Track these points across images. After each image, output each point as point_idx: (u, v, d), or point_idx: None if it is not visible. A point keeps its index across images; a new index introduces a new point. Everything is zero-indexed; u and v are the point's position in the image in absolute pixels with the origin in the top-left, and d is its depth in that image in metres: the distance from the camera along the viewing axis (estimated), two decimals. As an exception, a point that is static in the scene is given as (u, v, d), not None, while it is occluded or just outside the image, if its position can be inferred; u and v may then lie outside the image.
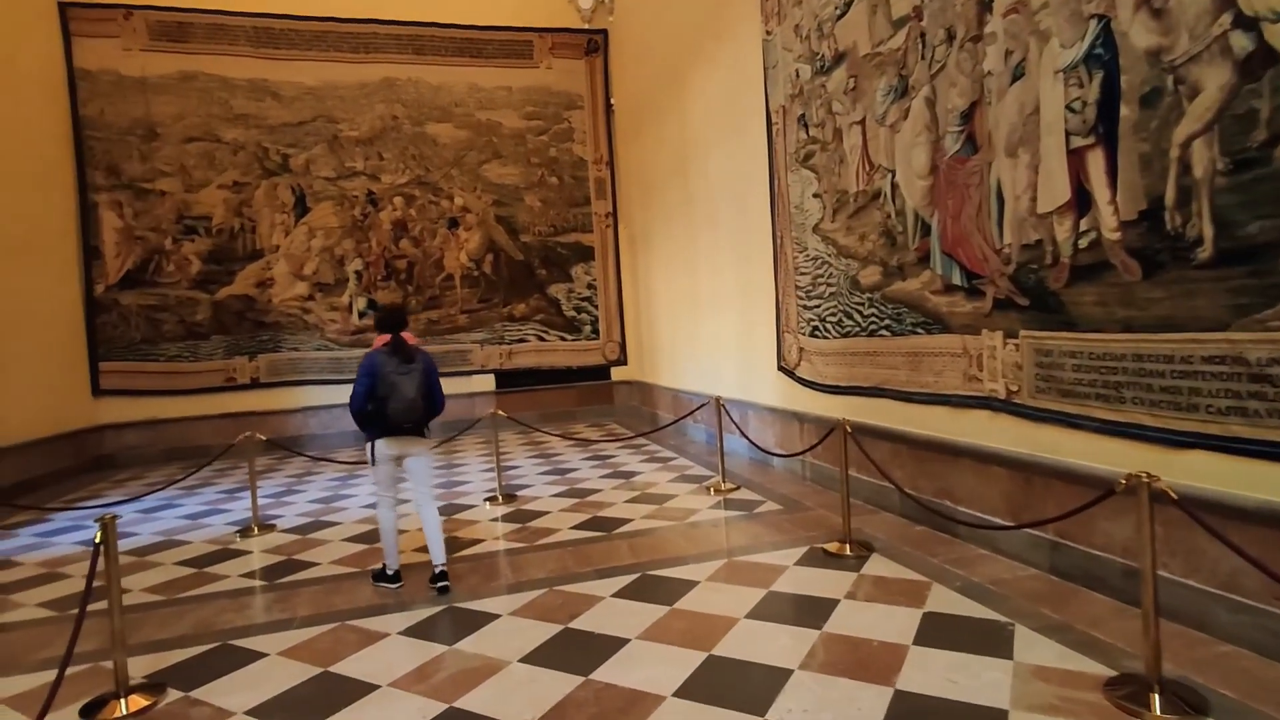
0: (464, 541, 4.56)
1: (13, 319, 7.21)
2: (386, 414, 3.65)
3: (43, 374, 7.73)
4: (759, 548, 4.05)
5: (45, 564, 4.69)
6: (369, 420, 3.71)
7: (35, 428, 7.52)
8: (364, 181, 9.42)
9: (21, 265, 7.43)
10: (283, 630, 3.27)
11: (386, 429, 3.71)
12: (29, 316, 7.55)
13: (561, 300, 10.17)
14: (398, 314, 3.89)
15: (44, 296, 7.87)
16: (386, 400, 3.62)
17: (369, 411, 3.68)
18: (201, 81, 8.86)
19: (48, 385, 7.82)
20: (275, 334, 9.21)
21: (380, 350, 3.72)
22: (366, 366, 3.68)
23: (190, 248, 8.90)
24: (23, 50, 7.72)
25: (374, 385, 3.63)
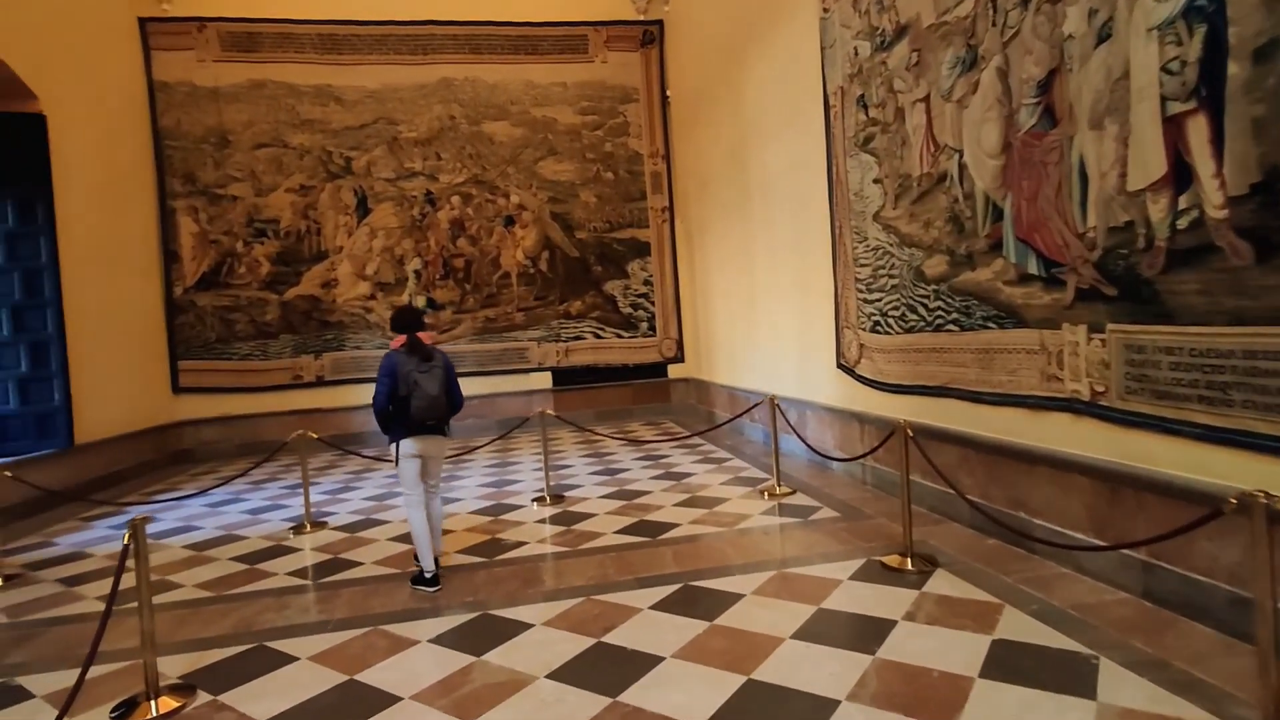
0: (507, 544, 4.46)
1: (102, 320, 7.60)
2: (410, 413, 3.66)
3: (128, 372, 8.13)
4: (811, 559, 3.79)
5: (112, 557, 4.86)
6: (392, 420, 3.72)
7: (122, 423, 7.92)
8: (423, 182, 9.54)
9: (109, 270, 7.83)
10: (318, 633, 3.23)
11: (411, 428, 3.72)
12: (116, 318, 7.96)
13: (618, 297, 10.05)
14: (413, 314, 3.91)
15: (129, 299, 8.28)
16: (409, 399, 3.64)
17: (392, 411, 3.68)
18: (270, 89, 9.15)
19: (133, 383, 8.22)
20: (339, 333, 9.44)
21: (399, 350, 3.74)
22: (386, 367, 3.69)
23: (260, 250, 9.21)
24: (107, 65, 8.13)
25: (395, 385, 3.65)
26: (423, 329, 3.85)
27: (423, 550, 3.77)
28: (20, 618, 3.76)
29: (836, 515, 4.58)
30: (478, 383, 9.80)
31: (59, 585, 4.28)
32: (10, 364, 6.71)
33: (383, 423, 3.74)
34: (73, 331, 7.00)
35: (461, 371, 9.64)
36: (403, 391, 3.65)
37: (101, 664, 3.05)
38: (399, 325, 3.84)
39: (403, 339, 3.76)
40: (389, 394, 3.66)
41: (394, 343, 3.81)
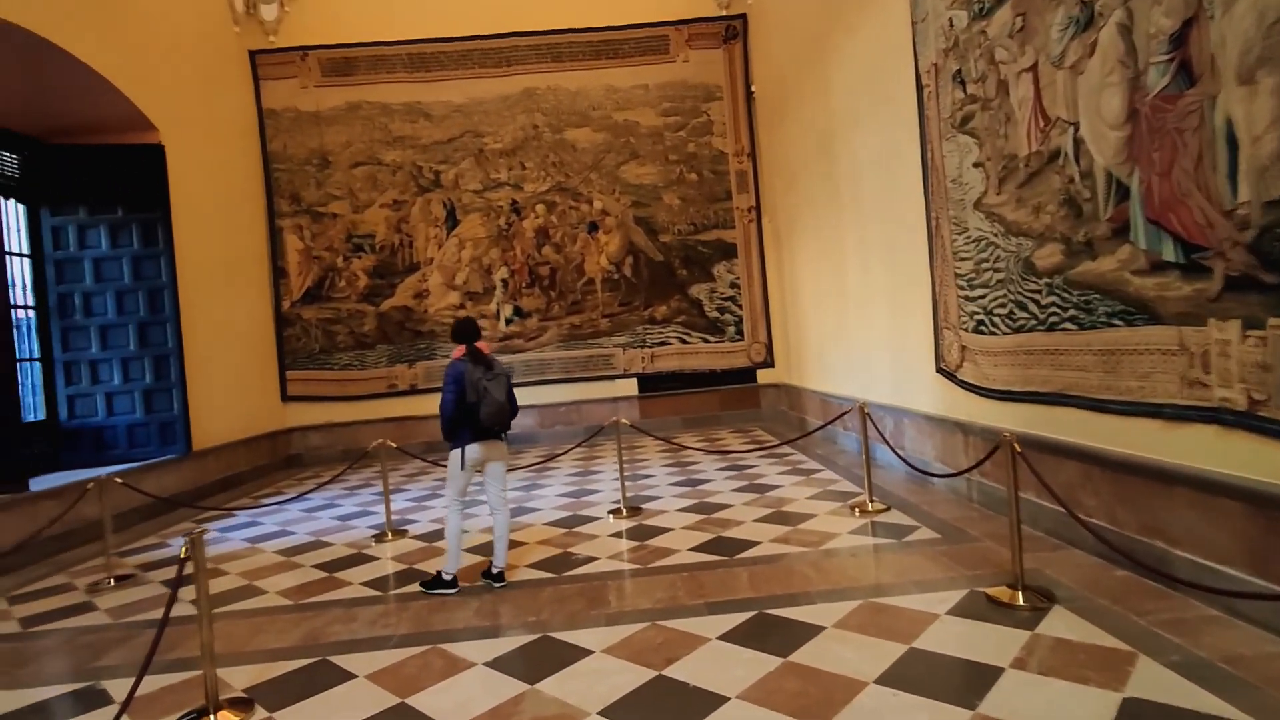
0: (577, 558, 4.31)
1: (220, 334, 8.14)
2: (479, 419, 3.78)
3: (242, 383, 8.67)
4: (904, 587, 3.40)
5: (212, 560, 5.09)
6: (460, 426, 3.82)
7: (238, 430, 8.44)
8: (508, 192, 9.66)
9: (224, 287, 8.38)
10: (379, 649, 3.18)
11: (477, 433, 3.83)
12: (233, 331, 8.51)
13: (703, 301, 9.79)
14: (471, 325, 4.01)
15: (244, 313, 8.84)
16: (478, 405, 3.76)
17: (459, 418, 3.77)
18: (365, 110, 9.54)
19: (246, 392, 8.76)
20: (431, 342, 9.69)
21: (462, 359, 3.84)
22: (453, 375, 3.79)
23: (358, 264, 9.61)
24: (221, 97, 8.72)
25: (463, 392, 3.74)
26: (480, 339, 3.98)
27: (454, 554, 3.88)
28: (121, 619, 3.96)
29: (935, 537, 4.13)
30: (564, 390, 9.82)
31: (162, 587, 4.50)
32: (137, 376, 7.26)
33: (450, 429, 3.85)
34: (190, 345, 7.51)
35: (547, 379, 9.76)
36: (471, 398, 3.77)
37: (178, 672, 3.13)
38: (461, 335, 3.96)
39: (463, 348, 3.89)
40: (456, 401, 3.77)
41: (455, 353, 3.93)
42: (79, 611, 4.14)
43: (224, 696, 2.83)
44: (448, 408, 3.78)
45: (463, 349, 3.88)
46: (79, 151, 7.20)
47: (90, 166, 7.15)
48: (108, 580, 4.64)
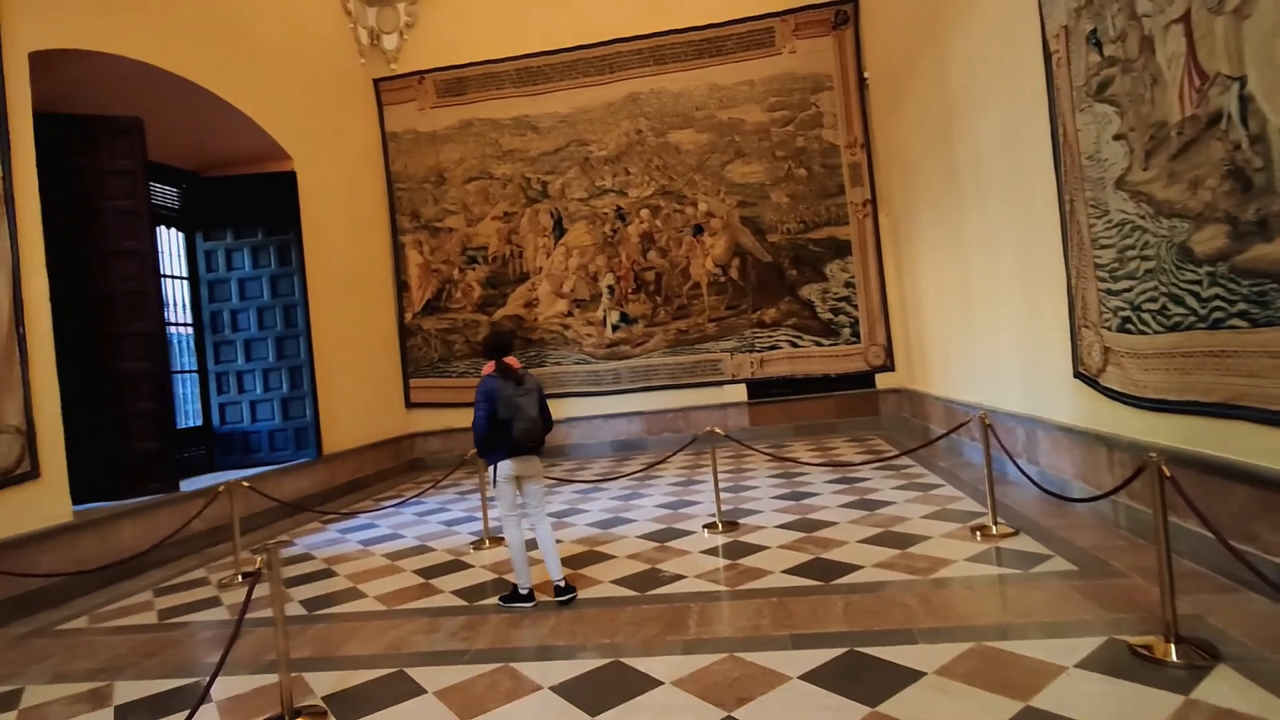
0: (663, 576, 4.13)
1: (347, 345, 8.71)
2: (513, 435, 3.74)
3: (368, 391, 9.23)
4: (1027, 629, 2.94)
5: (330, 560, 5.38)
6: (494, 443, 3.77)
7: (365, 435, 8.99)
8: (613, 198, 9.67)
9: (352, 301, 8.97)
10: (454, 663, 3.16)
11: (512, 450, 3.79)
12: (359, 343, 9.09)
13: (815, 302, 9.31)
14: (503, 339, 3.96)
15: (371, 325, 9.42)
16: (511, 422, 3.72)
17: (493, 436, 3.74)
18: (477, 127, 9.90)
19: (373, 400, 9.32)
20: (541, 350, 9.88)
21: (493, 375, 3.79)
22: (485, 392, 3.74)
23: (472, 275, 9.98)
24: (349, 124, 9.36)
25: (495, 409, 3.69)
26: (511, 354, 3.95)
27: (521, 568, 3.85)
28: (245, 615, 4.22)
29: (1070, 569, 3.58)
30: (670, 396, 9.68)
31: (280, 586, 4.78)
32: (275, 385, 7.90)
33: (484, 446, 3.81)
34: (319, 357, 8.07)
35: (654, 385, 9.66)
36: (504, 415, 3.72)
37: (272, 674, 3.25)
38: (492, 351, 3.90)
39: (493, 364, 3.84)
40: (489, 418, 3.73)
41: (485, 368, 3.87)
42: (208, 606, 4.48)
43: (303, 703, 2.91)
44: (480, 425, 3.73)
45: (492, 365, 3.83)
46: (226, 182, 7.95)
47: (235, 195, 7.88)
48: (236, 577, 5.01)
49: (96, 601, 4.82)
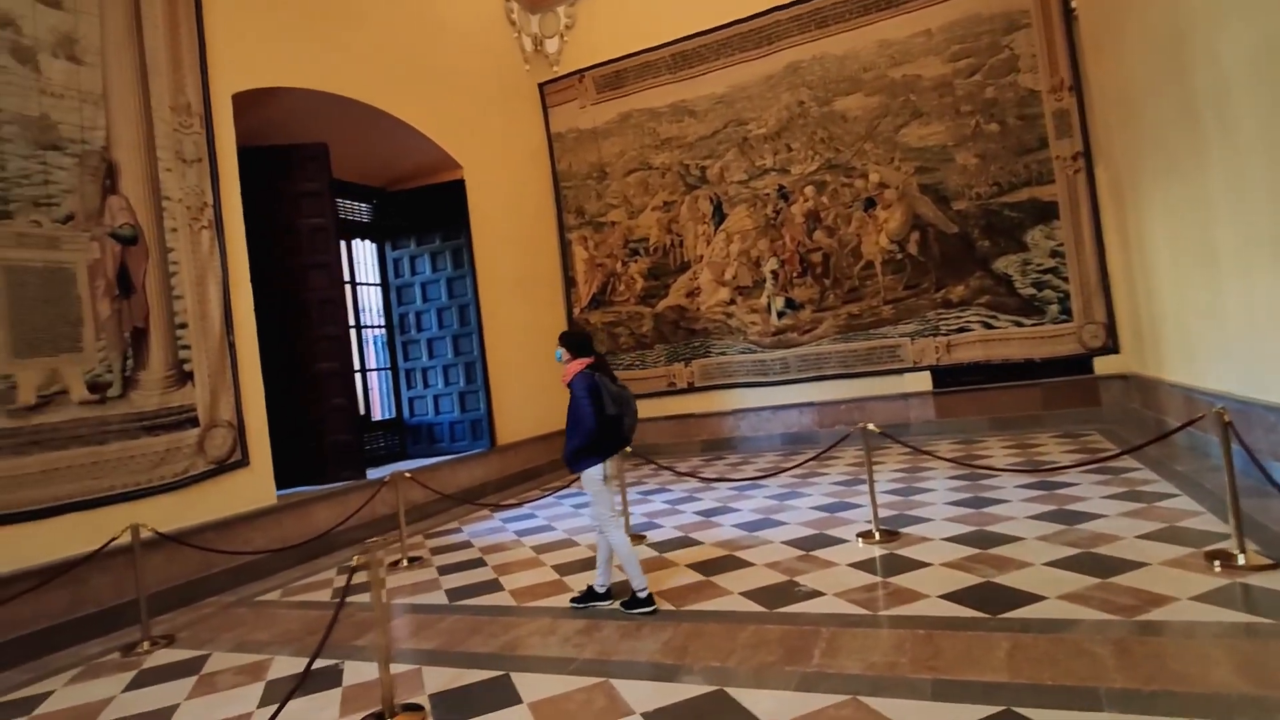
0: (800, 591, 3.71)
1: (520, 340, 9.12)
2: (622, 431, 3.64)
3: (541, 384, 9.56)
4: (1273, 708, 2.16)
5: (488, 549, 5.59)
6: (602, 441, 3.60)
7: (538, 426, 9.35)
8: (773, 178, 9.13)
9: (524, 297, 9.37)
10: (558, 672, 3.05)
11: (616, 446, 3.67)
12: (529, 338, 9.47)
13: (1013, 276, 8.07)
14: (586, 335, 3.81)
15: (540, 321, 9.78)
16: (620, 417, 3.57)
17: (602, 433, 3.58)
18: (635, 118, 9.87)
19: (545, 393, 9.63)
20: (704, 339, 9.64)
21: (590, 370, 3.61)
22: (587, 387, 3.56)
23: (635, 267, 9.99)
24: (516, 129, 9.76)
25: (602, 403, 3.53)
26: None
27: (636, 570, 3.68)
28: (392, 599, 4.51)
29: (1355, 624, 2.63)
30: (843, 386, 8.97)
31: (435, 572, 5.06)
32: (455, 380, 8.48)
33: (591, 447, 3.63)
34: (491, 353, 8.52)
35: (825, 374, 9.01)
36: (612, 410, 3.57)
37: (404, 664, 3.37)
38: (582, 349, 3.73)
39: (586, 360, 3.68)
40: (599, 414, 3.57)
41: (576, 365, 3.67)
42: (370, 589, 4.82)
43: (412, 699, 2.95)
44: (588, 422, 3.55)
45: (585, 360, 3.67)
46: (408, 195, 8.66)
47: (415, 206, 8.56)
48: (402, 561, 5.38)
49: (293, 576, 5.43)
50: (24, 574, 4.10)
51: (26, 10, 4.52)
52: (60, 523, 4.39)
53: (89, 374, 4.62)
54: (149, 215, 5.07)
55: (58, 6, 4.68)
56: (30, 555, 4.21)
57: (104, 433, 4.66)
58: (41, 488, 4.34)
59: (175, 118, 5.32)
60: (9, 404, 4.22)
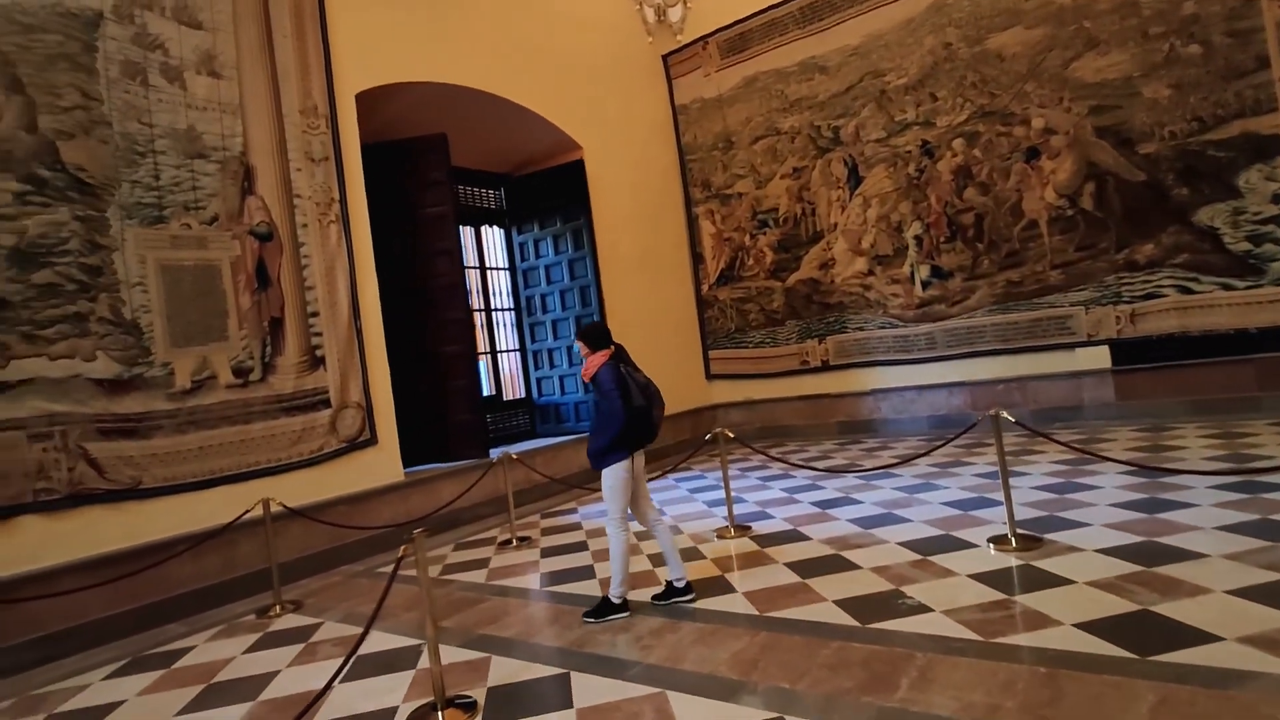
0: (904, 604, 3.25)
1: (643, 319, 9.02)
2: (650, 423, 3.51)
3: (666, 363, 9.41)
4: None
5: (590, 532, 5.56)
6: (630, 435, 3.43)
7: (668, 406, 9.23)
8: (916, 133, 8.21)
9: (648, 276, 9.23)
10: (616, 677, 2.88)
11: (643, 440, 3.53)
12: (656, 316, 9.35)
13: (1221, 229, 6.66)
14: (604, 327, 3.67)
15: (666, 299, 9.62)
16: (649, 409, 3.43)
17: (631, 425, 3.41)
18: (761, 81, 9.30)
19: (671, 372, 9.48)
20: (840, 314, 8.98)
21: (613, 361, 3.46)
22: (613, 379, 3.39)
23: (764, 240, 9.49)
24: (639, 104, 9.58)
25: (629, 395, 3.37)
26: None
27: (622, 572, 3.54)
28: (492, 580, 4.58)
29: None
30: (1000, 363, 7.97)
31: (538, 554, 5.09)
32: (577, 361, 8.52)
33: (619, 441, 3.43)
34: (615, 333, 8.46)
35: (978, 350, 8.05)
36: (640, 401, 3.42)
37: (476, 651, 3.38)
38: (602, 340, 3.57)
39: (607, 351, 3.52)
40: (627, 407, 3.39)
41: (598, 358, 3.49)
42: (476, 567, 4.96)
43: (474, 689, 2.92)
44: (618, 416, 3.37)
45: (608, 351, 3.51)
46: (530, 179, 8.79)
47: (537, 190, 8.67)
48: (512, 540, 5.49)
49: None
50: (186, 538, 4.62)
51: (173, 33, 5.00)
52: (214, 494, 4.91)
53: (234, 360, 5.10)
54: (282, 213, 5.48)
55: (199, 27, 5.14)
56: (191, 522, 4.74)
57: (248, 413, 5.14)
58: (198, 462, 4.86)
59: (304, 120, 5.69)
60: (169, 388, 4.76)
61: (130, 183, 4.70)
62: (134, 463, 4.55)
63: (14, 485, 4.08)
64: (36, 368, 4.22)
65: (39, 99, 4.35)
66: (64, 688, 3.60)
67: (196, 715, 3.06)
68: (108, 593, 4.28)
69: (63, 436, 4.27)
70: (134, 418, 4.57)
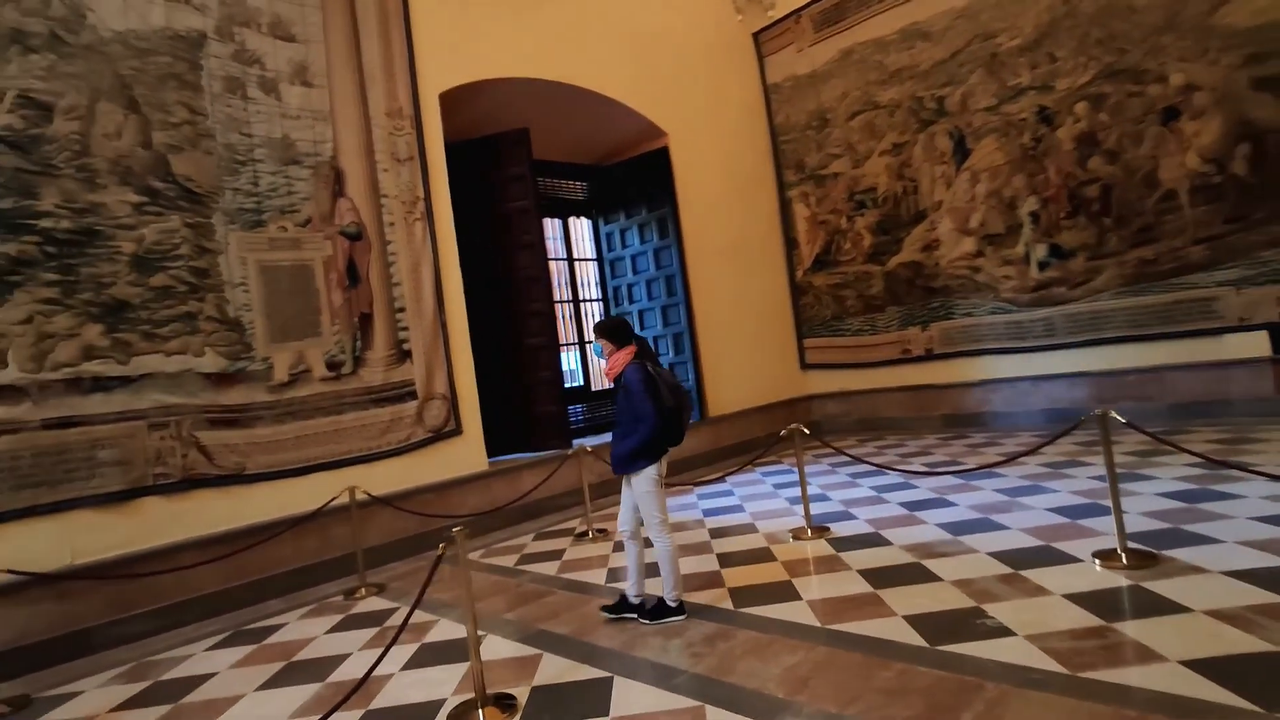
0: (980, 625, 2.93)
1: (733, 308, 8.81)
2: (681, 424, 3.37)
3: (758, 353, 9.19)
4: None
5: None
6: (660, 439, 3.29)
7: (755, 397, 9.00)
8: (1032, 98, 7.45)
9: (738, 263, 8.98)
10: (661, 685, 2.79)
11: (672, 442, 3.37)
12: (746, 305, 9.10)
13: None
14: (625, 322, 3.48)
15: (757, 286, 9.33)
16: (679, 409, 3.33)
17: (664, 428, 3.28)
18: (857, 53, 8.77)
19: (763, 362, 9.25)
20: (945, 299, 8.36)
21: (639, 360, 3.30)
22: (641, 379, 3.24)
23: (861, 222, 8.98)
24: (727, 86, 9.29)
25: (660, 396, 3.23)
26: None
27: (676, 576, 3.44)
28: (563, 573, 4.60)
29: None
30: (1132, 351, 7.15)
31: (609, 548, 5.07)
32: (663, 351, 8.47)
33: (651, 444, 3.28)
34: (700, 323, 8.34)
35: (1105, 337, 7.27)
36: (670, 402, 3.27)
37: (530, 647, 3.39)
38: (625, 336, 3.39)
39: (632, 348, 3.36)
40: (659, 409, 3.24)
41: (623, 356, 3.35)
42: (550, 559, 5.00)
43: (519, 687, 2.92)
44: (650, 419, 3.21)
45: (633, 349, 3.34)
46: (616, 169, 8.75)
47: (623, 179, 8.63)
48: (588, 533, 5.50)
49: (499, 537, 5.88)
50: (285, 520, 4.95)
51: (269, 48, 5.32)
52: (310, 480, 5.23)
53: (327, 354, 5.40)
54: (370, 212, 5.73)
55: (292, 40, 5.43)
56: (290, 505, 5.06)
57: (340, 404, 5.43)
58: (296, 450, 5.19)
59: (390, 122, 5.91)
60: (268, 381, 5.10)
61: (232, 190, 5.05)
62: (238, 450, 4.91)
63: (137, 470, 4.51)
64: (155, 363, 4.63)
65: (152, 116, 4.75)
66: (173, 656, 3.94)
67: (270, 692, 3.25)
68: (219, 569, 4.66)
69: (177, 426, 4.68)
70: (238, 409, 4.93)
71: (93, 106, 4.54)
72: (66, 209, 4.39)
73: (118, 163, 4.59)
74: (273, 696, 3.21)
